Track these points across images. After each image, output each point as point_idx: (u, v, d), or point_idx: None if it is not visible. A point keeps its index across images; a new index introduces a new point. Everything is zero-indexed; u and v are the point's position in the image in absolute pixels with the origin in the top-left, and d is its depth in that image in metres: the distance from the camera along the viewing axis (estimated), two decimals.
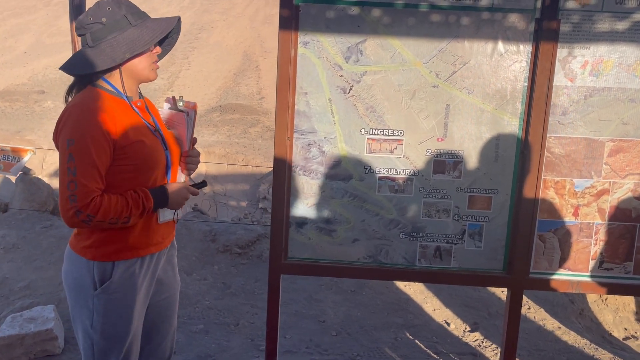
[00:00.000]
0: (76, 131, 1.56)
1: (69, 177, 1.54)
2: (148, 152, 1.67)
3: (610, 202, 2.18)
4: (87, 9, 1.86)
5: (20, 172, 4.51)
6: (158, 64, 1.75)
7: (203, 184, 1.88)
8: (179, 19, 1.76)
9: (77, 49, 1.74)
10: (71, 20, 2.81)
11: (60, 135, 1.60)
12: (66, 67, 1.67)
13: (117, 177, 1.63)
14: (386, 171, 2.18)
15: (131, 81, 1.69)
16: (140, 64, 1.67)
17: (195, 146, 1.91)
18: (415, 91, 2.13)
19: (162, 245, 1.81)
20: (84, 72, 1.64)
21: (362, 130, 2.16)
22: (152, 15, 1.73)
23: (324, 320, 3.23)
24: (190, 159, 1.86)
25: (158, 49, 1.71)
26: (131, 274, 1.70)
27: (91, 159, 1.55)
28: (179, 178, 1.87)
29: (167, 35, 1.79)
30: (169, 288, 1.91)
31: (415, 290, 3.66)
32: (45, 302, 3.14)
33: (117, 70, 1.65)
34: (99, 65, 1.61)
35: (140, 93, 1.79)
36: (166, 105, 1.86)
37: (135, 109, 1.71)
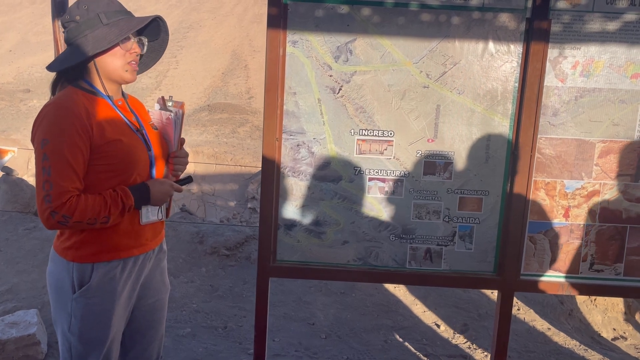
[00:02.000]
0: (51, 130, 1.54)
1: (44, 177, 1.51)
2: (126, 151, 1.63)
3: (600, 203, 2.17)
4: (69, 7, 1.83)
5: (1, 173, 4.42)
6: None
7: (188, 179, 1.83)
8: (157, 18, 1.71)
9: (59, 47, 1.73)
10: (53, 19, 2.76)
11: (36, 135, 1.57)
12: (49, 66, 1.68)
13: (95, 177, 1.60)
14: (376, 172, 2.15)
15: (108, 81, 1.66)
16: (111, 63, 1.63)
17: (183, 146, 1.87)
18: (405, 91, 2.10)
19: (146, 247, 1.76)
20: (56, 70, 1.64)
21: (352, 130, 2.13)
22: (140, 14, 1.70)
23: (313, 323, 3.20)
24: (177, 160, 1.82)
25: (136, 48, 1.66)
26: (111, 278, 1.65)
27: (66, 158, 1.52)
28: (165, 179, 1.82)
29: (154, 36, 1.76)
30: (156, 292, 1.86)
31: (405, 292, 3.64)
32: (28, 306, 3.07)
33: (94, 70, 1.63)
34: (66, 62, 1.60)
35: (124, 92, 1.75)
36: (157, 106, 1.82)
37: (116, 107, 1.67)
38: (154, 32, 1.75)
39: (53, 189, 1.50)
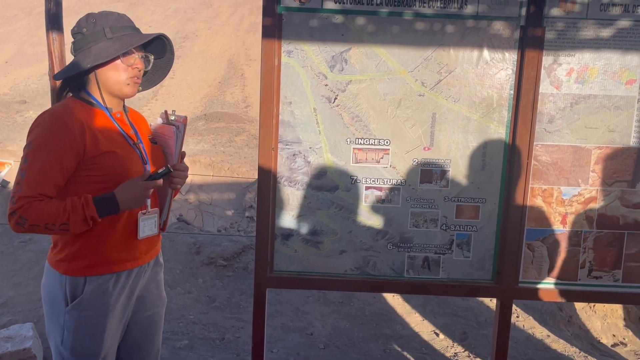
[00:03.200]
0: (38, 136, 1.55)
1: (17, 178, 1.53)
2: (120, 163, 1.62)
3: (597, 209, 2.17)
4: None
5: None
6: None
7: (165, 170, 1.66)
8: (161, 37, 1.73)
9: (54, 59, 1.76)
10: (47, 30, 2.76)
11: (27, 138, 1.59)
12: (55, 74, 1.73)
13: (86, 188, 1.59)
14: (373, 181, 2.15)
15: (108, 94, 1.67)
16: (112, 76, 1.65)
17: (185, 156, 1.87)
18: (400, 100, 2.10)
19: (141, 260, 1.74)
20: (58, 79, 1.67)
21: (348, 139, 2.12)
22: (136, 24, 1.72)
23: (311, 333, 3.17)
24: (177, 173, 1.81)
25: (138, 64, 1.66)
26: (104, 291, 1.64)
27: (42, 165, 1.52)
28: (164, 191, 1.82)
29: (160, 54, 1.77)
30: (152, 306, 1.85)
31: (403, 300, 3.62)
32: (24, 320, 3.04)
33: (95, 82, 1.65)
34: (67, 72, 1.63)
35: (125, 105, 1.76)
36: (160, 120, 1.83)
37: (114, 120, 1.67)
38: (160, 49, 1.77)
39: (21, 191, 1.50)
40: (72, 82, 1.67)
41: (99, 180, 1.60)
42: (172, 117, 1.79)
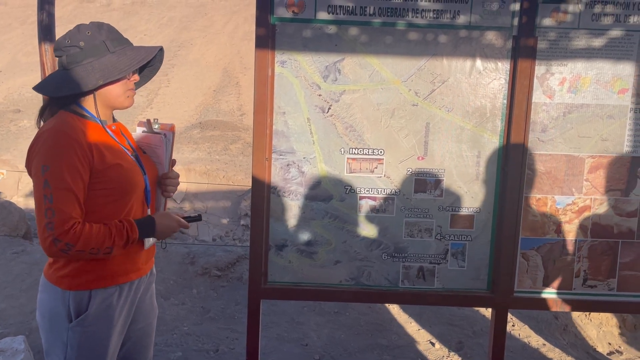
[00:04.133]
0: (51, 157, 1.50)
1: (46, 204, 1.48)
2: (126, 175, 1.62)
3: (592, 218, 2.17)
4: (56, 29, 1.82)
5: None
6: (135, 90, 1.73)
7: (198, 217, 1.81)
8: (161, 49, 1.74)
9: (46, 70, 1.71)
10: (40, 41, 2.74)
11: (34, 162, 1.53)
12: (39, 87, 1.63)
13: (95, 202, 1.58)
14: (367, 191, 2.14)
15: (105, 106, 1.66)
16: (114, 90, 1.63)
17: (176, 163, 1.86)
18: (394, 110, 2.10)
19: (142, 271, 1.74)
20: (55, 95, 1.60)
21: (342, 149, 2.12)
22: (131, 33, 1.71)
23: (306, 344, 3.15)
24: (169, 181, 1.80)
25: (135, 77, 1.66)
26: (108, 305, 1.63)
27: (67, 185, 1.49)
28: (158, 200, 1.81)
29: (150, 63, 1.77)
30: (146, 317, 1.83)
31: (399, 310, 3.60)
32: (16, 332, 3.01)
33: (91, 95, 1.62)
34: (70, 89, 1.57)
35: (114, 117, 1.74)
36: (139, 129, 1.80)
37: (111, 132, 1.66)
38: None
39: (56, 216, 1.46)
40: (63, 97, 1.61)
41: (107, 194, 1.59)
42: (156, 126, 1.77)
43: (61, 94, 1.59)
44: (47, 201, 1.47)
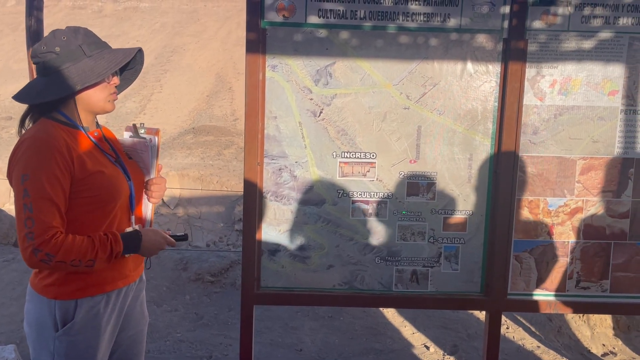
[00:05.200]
0: (30, 166, 1.48)
1: (26, 213, 1.45)
2: (108, 182, 1.59)
3: (584, 220, 2.17)
4: (44, 37, 1.79)
5: None
6: (124, 92, 1.70)
7: (184, 237, 1.78)
8: (139, 50, 1.70)
9: (34, 76, 1.68)
10: (28, 47, 2.73)
11: (15, 171, 1.51)
12: (18, 96, 1.60)
13: (78, 210, 1.55)
14: (359, 195, 2.14)
15: (86, 112, 1.63)
16: (94, 95, 1.60)
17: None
18: (386, 113, 2.10)
19: (130, 278, 1.72)
20: (33, 102, 1.58)
21: (334, 153, 2.11)
22: (123, 39, 1.69)
23: (300, 349, 3.13)
24: (154, 187, 1.78)
25: (116, 80, 1.63)
26: (95, 314, 1.60)
27: (47, 194, 1.46)
28: (144, 207, 1.79)
29: (130, 66, 1.74)
30: (136, 324, 1.81)
31: (393, 313, 3.60)
32: (6, 341, 2.97)
33: (72, 101, 1.59)
34: (48, 95, 1.54)
35: (97, 122, 1.72)
36: (126, 134, 1.78)
37: (93, 139, 1.64)
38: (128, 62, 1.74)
39: (36, 226, 1.43)
40: (44, 104, 1.58)
41: (90, 202, 1.56)
42: (142, 131, 1.75)
43: (40, 101, 1.56)
44: (27, 210, 1.44)
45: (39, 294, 1.58)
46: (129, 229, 1.67)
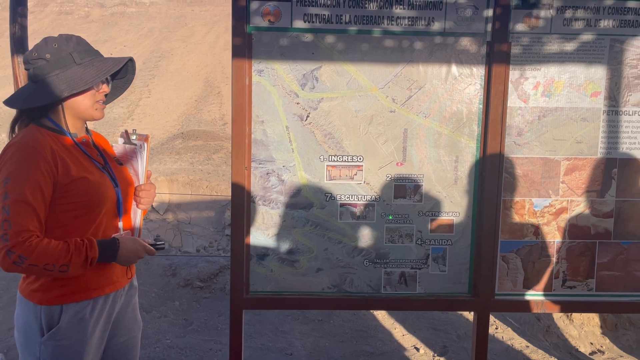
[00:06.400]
0: (13, 170, 1.50)
1: (3, 215, 1.47)
2: (93, 188, 1.60)
3: (569, 220, 2.20)
4: (33, 42, 1.80)
5: None
6: (106, 103, 1.72)
7: (162, 246, 1.78)
8: (130, 60, 1.73)
9: (19, 83, 1.69)
10: (12, 54, 2.71)
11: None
12: (9, 101, 1.64)
13: (62, 216, 1.56)
14: (347, 198, 2.15)
15: (74, 119, 1.65)
16: (83, 102, 1.62)
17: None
18: (372, 116, 2.11)
19: (118, 284, 1.71)
20: (22, 108, 1.60)
21: (321, 157, 2.12)
22: (110, 44, 1.71)
23: (291, 353, 3.13)
24: (143, 193, 1.78)
25: (105, 88, 1.65)
26: (80, 319, 1.60)
27: (26, 198, 1.48)
28: (133, 213, 1.78)
29: (121, 75, 1.75)
30: (128, 330, 1.81)
31: (383, 316, 3.61)
32: None
33: (60, 108, 1.61)
34: (35, 101, 1.57)
35: (87, 129, 1.73)
36: (120, 140, 1.79)
37: (80, 145, 1.64)
38: (119, 70, 1.75)
39: (12, 228, 1.44)
40: (34, 110, 1.60)
41: (74, 208, 1.57)
42: (134, 137, 1.76)
43: (27, 107, 1.58)
44: (5, 213, 1.46)
45: (26, 299, 1.60)
46: (115, 236, 1.67)
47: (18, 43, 2.68)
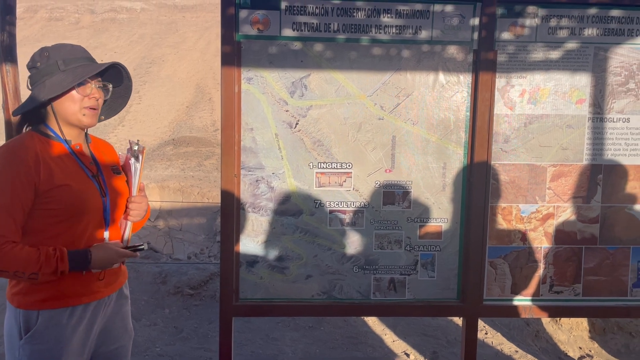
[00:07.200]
0: None
1: None
2: (74, 196, 1.60)
3: (555, 225, 2.22)
4: (23, 48, 1.83)
5: None
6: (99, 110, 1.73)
7: (141, 247, 1.76)
8: (119, 65, 1.75)
9: (7, 91, 1.73)
10: (1, 62, 2.70)
11: None
12: (14, 110, 1.70)
13: (43, 222, 1.57)
14: (336, 204, 2.16)
15: (67, 125, 1.68)
16: (69, 107, 1.65)
17: (149, 181, 1.86)
18: (361, 124, 2.13)
19: (100, 294, 1.70)
20: (15, 114, 1.70)
21: (311, 164, 2.13)
22: (101, 51, 1.73)
23: None
24: (132, 205, 1.78)
25: (95, 93, 1.66)
26: (56, 324, 1.61)
27: (3, 203, 1.50)
28: (122, 224, 1.78)
29: (117, 82, 1.77)
30: (118, 339, 1.80)
31: (374, 322, 3.61)
32: None
33: (52, 114, 1.65)
34: (25, 107, 1.63)
35: (87, 135, 1.74)
36: (127, 151, 1.82)
37: (73, 151, 1.65)
38: (118, 78, 1.78)
39: None
40: (31, 116, 1.67)
41: (56, 214, 1.58)
42: (136, 147, 1.78)
43: (19, 113, 1.64)
44: None
45: (9, 302, 1.62)
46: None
47: (7, 51, 2.67)
